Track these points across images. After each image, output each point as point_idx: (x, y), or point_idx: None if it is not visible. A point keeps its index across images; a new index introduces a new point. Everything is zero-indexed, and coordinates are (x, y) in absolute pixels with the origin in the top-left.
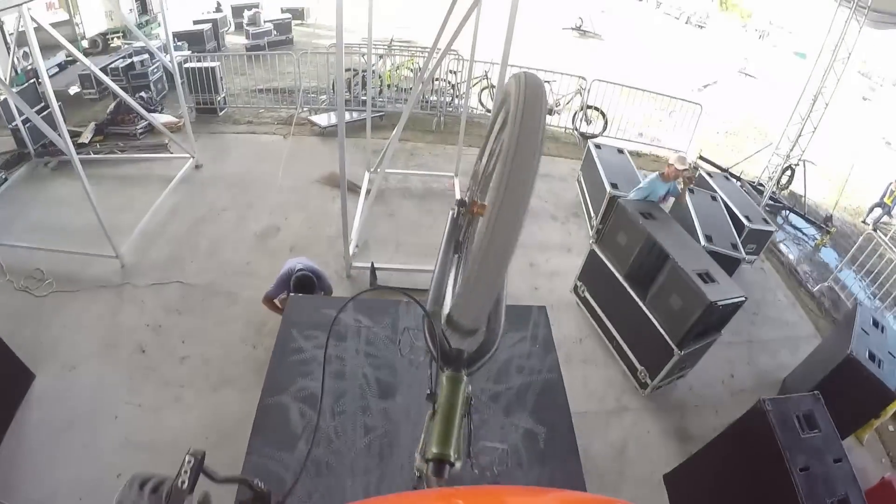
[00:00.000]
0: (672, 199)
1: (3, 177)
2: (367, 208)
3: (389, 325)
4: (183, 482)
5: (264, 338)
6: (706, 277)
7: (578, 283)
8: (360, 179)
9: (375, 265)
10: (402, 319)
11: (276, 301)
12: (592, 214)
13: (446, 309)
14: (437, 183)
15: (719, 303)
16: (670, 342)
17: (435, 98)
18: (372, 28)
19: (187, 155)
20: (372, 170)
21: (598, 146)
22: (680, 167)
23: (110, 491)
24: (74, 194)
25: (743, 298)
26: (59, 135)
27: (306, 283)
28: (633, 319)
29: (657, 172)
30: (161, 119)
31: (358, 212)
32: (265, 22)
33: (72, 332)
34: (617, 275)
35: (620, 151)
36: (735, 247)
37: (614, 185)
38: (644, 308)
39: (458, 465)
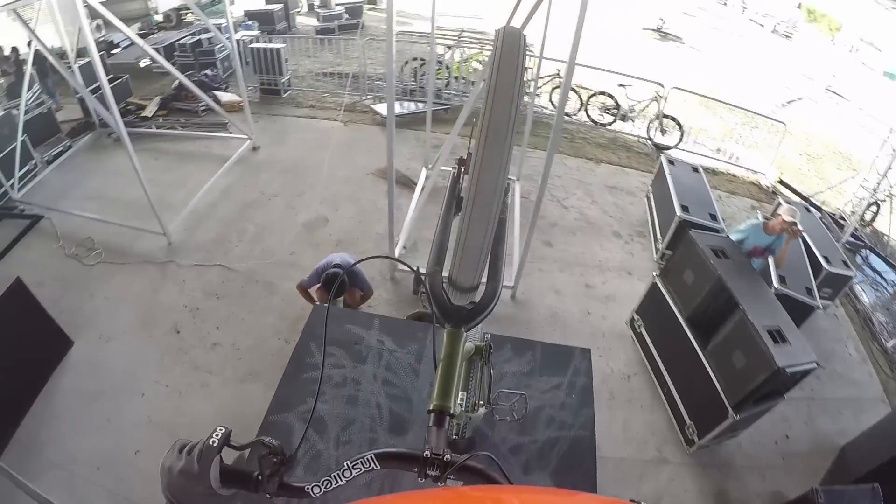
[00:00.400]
0: (770, 257)
1: (68, 144)
2: (419, 207)
3: (414, 353)
4: (213, 441)
5: (297, 334)
6: (777, 336)
7: (635, 317)
8: (417, 175)
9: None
10: (429, 346)
11: (310, 291)
12: (659, 236)
13: (448, 268)
14: None
15: (788, 369)
16: (726, 402)
17: None
18: (435, 16)
19: (245, 136)
20: (430, 166)
21: (671, 161)
22: (788, 219)
23: (127, 464)
24: (132, 167)
25: (814, 365)
26: (111, 113)
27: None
28: (688, 367)
29: (761, 220)
30: (224, 97)
31: (410, 210)
32: (336, 5)
33: (113, 304)
34: (678, 316)
35: (695, 170)
36: (810, 292)
37: (685, 209)
38: (703, 358)
39: (480, 409)
